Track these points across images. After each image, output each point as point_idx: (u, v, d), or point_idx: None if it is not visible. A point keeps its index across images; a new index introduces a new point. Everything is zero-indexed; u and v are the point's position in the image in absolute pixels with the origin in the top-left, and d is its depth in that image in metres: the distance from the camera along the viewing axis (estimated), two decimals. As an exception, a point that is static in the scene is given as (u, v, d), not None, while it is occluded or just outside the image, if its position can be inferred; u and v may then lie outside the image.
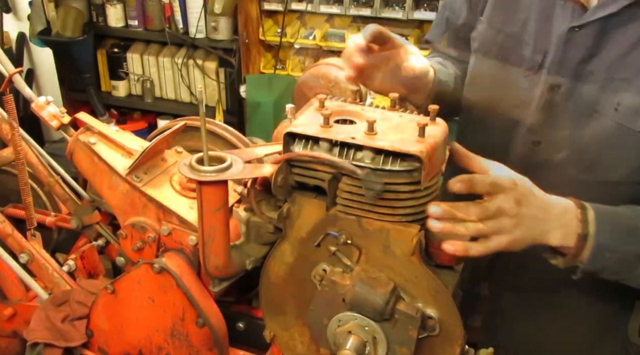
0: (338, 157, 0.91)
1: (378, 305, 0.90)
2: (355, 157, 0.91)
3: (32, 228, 1.39)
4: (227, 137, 1.34)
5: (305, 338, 1.06)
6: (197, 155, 0.94)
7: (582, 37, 1.13)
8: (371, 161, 0.90)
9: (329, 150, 0.92)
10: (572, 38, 1.14)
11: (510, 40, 1.24)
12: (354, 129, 0.93)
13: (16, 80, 1.37)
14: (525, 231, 0.95)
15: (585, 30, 1.12)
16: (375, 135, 0.90)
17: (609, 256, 1.00)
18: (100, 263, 1.52)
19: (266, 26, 3.36)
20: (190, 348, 1.17)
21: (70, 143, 1.27)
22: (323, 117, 0.93)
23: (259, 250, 1.08)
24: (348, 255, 0.96)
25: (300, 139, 0.94)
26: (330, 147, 0.92)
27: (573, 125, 1.18)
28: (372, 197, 0.88)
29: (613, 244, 1.00)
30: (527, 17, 1.22)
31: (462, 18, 1.37)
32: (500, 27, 1.26)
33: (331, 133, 0.92)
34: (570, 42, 1.15)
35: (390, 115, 0.98)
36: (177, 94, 3.71)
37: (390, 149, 0.88)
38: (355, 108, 1.00)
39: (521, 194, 0.94)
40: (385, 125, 0.93)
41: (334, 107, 0.99)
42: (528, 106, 1.22)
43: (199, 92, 0.93)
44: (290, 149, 0.95)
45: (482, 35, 1.30)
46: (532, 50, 1.20)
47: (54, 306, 1.27)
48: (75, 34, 3.45)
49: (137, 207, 1.21)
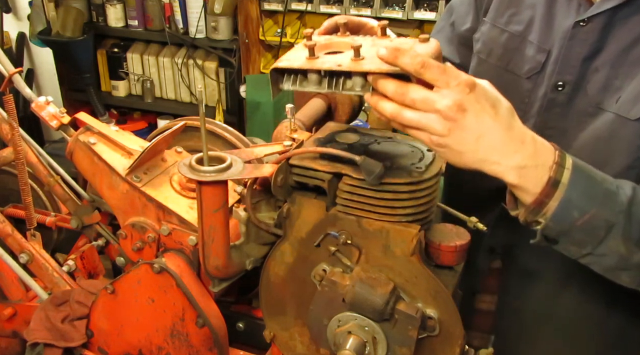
0: (327, 88, 0.87)
1: (378, 305, 0.90)
2: (345, 86, 0.87)
3: (32, 228, 1.39)
4: (227, 137, 1.34)
5: (305, 338, 1.06)
6: (197, 155, 0.94)
7: (587, 33, 1.12)
8: (361, 88, 0.86)
9: (318, 83, 0.88)
10: (577, 34, 1.13)
11: (514, 40, 1.23)
12: (340, 57, 0.89)
13: (16, 80, 1.37)
14: (460, 145, 0.83)
15: (591, 25, 1.11)
16: (363, 60, 0.86)
17: (577, 216, 0.86)
18: (100, 263, 1.52)
19: (266, 26, 3.36)
20: (190, 348, 1.17)
21: (70, 143, 1.27)
22: (308, 48, 0.88)
23: (259, 250, 1.08)
24: (348, 255, 0.96)
25: (289, 74, 0.90)
26: (319, 78, 0.88)
27: (575, 123, 1.16)
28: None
29: (584, 203, 0.86)
30: (533, 16, 1.21)
31: (469, 22, 1.36)
32: (504, 27, 1.25)
33: (317, 63, 0.87)
34: (575, 39, 1.13)
35: (380, 41, 0.94)
36: (177, 94, 3.71)
37: (377, 71, 0.83)
38: (344, 39, 0.96)
39: (473, 101, 0.81)
40: (374, 50, 0.87)
41: (321, 41, 0.95)
42: (531, 107, 1.21)
43: (199, 92, 0.93)
44: (280, 87, 0.91)
45: (485, 35, 1.29)
46: (536, 49, 1.20)
47: (54, 306, 1.27)
48: (75, 34, 3.45)
49: (137, 207, 1.21)
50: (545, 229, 0.89)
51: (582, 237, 0.90)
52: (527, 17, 1.22)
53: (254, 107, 3.30)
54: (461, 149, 0.83)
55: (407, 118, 0.83)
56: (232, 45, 3.36)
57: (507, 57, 1.24)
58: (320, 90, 0.89)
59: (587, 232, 0.89)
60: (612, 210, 0.88)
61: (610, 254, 0.90)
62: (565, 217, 0.87)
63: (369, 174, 0.88)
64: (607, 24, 1.10)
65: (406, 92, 0.82)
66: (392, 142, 1.01)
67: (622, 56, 1.09)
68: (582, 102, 1.14)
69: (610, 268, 0.94)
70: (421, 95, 0.82)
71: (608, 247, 0.89)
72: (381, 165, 0.88)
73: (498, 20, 1.27)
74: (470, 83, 0.81)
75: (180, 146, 1.34)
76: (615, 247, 0.89)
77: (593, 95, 1.12)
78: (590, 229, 0.89)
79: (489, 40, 1.29)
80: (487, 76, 1.27)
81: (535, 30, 1.21)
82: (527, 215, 0.89)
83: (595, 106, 1.12)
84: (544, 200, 0.86)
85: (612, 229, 0.88)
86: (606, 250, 0.90)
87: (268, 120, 3.23)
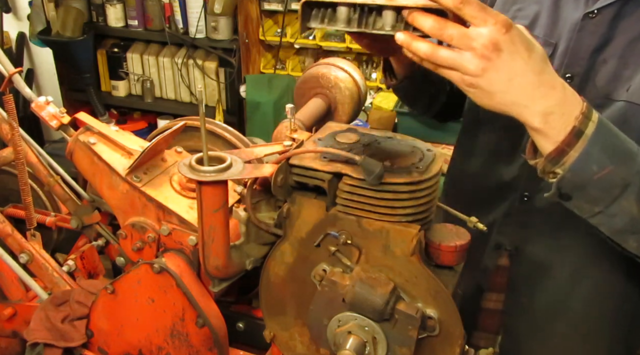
0: (357, 27, 0.85)
1: (378, 305, 0.90)
2: (375, 25, 0.85)
3: (32, 228, 1.39)
4: (227, 137, 1.34)
5: (305, 338, 1.06)
6: (197, 155, 0.94)
7: (596, 24, 1.11)
8: (392, 28, 0.84)
9: (347, 21, 0.86)
10: (586, 25, 1.13)
11: None
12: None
13: (16, 80, 1.37)
14: (492, 85, 0.83)
15: (601, 16, 1.11)
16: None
17: (595, 170, 0.85)
18: (100, 263, 1.52)
19: (266, 26, 3.36)
20: (190, 348, 1.17)
21: (70, 143, 1.27)
22: None
23: (259, 250, 1.08)
24: (348, 255, 0.96)
25: (318, 9, 0.88)
26: (349, 15, 0.86)
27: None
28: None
29: (604, 157, 0.85)
30: (539, 11, 1.21)
31: None
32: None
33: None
34: (584, 30, 1.13)
35: None
36: (177, 94, 3.71)
37: (413, 5, 0.81)
38: None
39: (509, 41, 0.81)
40: None
41: None
42: None
43: (199, 92, 0.93)
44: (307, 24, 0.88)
45: None
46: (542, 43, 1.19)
47: (54, 306, 1.27)
48: (75, 34, 3.45)
49: (137, 207, 1.21)
50: (561, 180, 0.87)
51: (596, 193, 0.88)
52: (533, 12, 1.22)
53: (254, 107, 3.30)
54: (492, 89, 0.83)
55: (442, 56, 0.82)
56: (232, 45, 3.36)
57: None
58: (349, 29, 0.85)
59: (602, 188, 0.87)
60: (630, 169, 0.87)
61: (621, 214, 0.89)
62: (583, 170, 0.85)
63: (369, 174, 0.88)
64: (616, 15, 1.09)
65: (444, 27, 0.81)
66: (392, 142, 1.01)
67: (631, 46, 1.08)
68: (591, 93, 1.11)
69: (619, 230, 0.93)
70: (459, 31, 0.81)
71: (621, 206, 0.88)
72: (381, 165, 0.88)
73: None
74: (507, 23, 0.81)
75: (180, 146, 1.34)
76: (627, 208, 0.88)
77: (602, 87, 1.10)
78: (606, 186, 0.87)
79: None
80: None
81: (540, 25, 1.21)
82: (546, 164, 0.87)
83: (604, 97, 1.09)
84: (565, 149, 0.85)
85: (627, 188, 0.87)
86: (618, 210, 0.89)
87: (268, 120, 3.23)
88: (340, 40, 3.24)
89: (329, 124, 1.09)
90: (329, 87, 1.34)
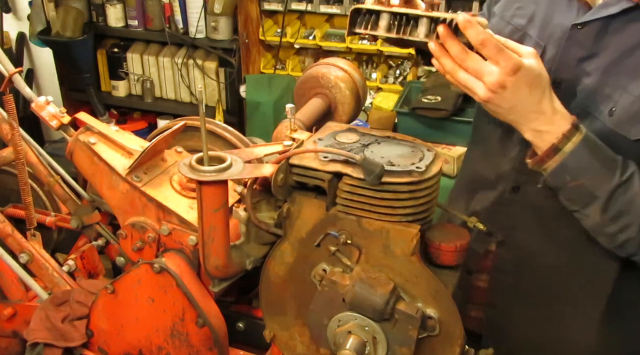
0: (395, 34, 1.01)
1: (378, 305, 0.90)
2: (412, 33, 1.00)
3: (32, 228, 1.39)
4: (227, 137, 1.34)
5: (305, 338, 1.06)
6: (197, 155, 0.94)
7: (583, 36, 1.15)
8: (425, 36, 0.99)
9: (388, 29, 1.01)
10: (574, 35, 1.16)
11: (516, 33, 1.26)
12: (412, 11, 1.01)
13: (16, 80, 1.37)
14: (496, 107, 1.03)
15: (587, 29, 1.14)
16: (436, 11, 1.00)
17: (568, 179, 1.04)
18: (100, 263, 1.52)
19: (266, 26, 3.36)
20: (190, 348, 1.17)
21: (70, 143, 1.27)
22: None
23: (259, 250, 1.08)
24: (348, 255, 0.96)
25: (364, 15, 1.03)
26: (389, 24, 1.01)
27: None
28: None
29: (577, 172, 1.04)
30: (535, 11, 1.25)
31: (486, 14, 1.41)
32: (509, 20, 1.29)
33: (394, 9, 1.01)
34: (571, 40, 1.16)
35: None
36: (177, 94, 3.70)
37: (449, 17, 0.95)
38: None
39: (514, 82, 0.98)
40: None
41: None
42: None
43: (199, 92, 0.93)
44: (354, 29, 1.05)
45: (493, 27, 1.32)
46: (534, 44, 1.22)
47: (54, 306, 1.27)
48: (75, 34, 3.44)
49: (137, 207, 1.21)
50: (545, 179, 1.08)
51: (571, 196, 1.08)
52: (530, 12, 1.26)
53: (254, 107, 3.29)
54: (496, 110, 1.04)
55: (460, 77, 1.01)
56: (232, 45, 3.36)
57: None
58: (389, 36, 1.01)
59: (575, 194, 1.07)
60: (598, 186, 1.04)
61: (591, 217, 1.07)
62: (559, 177, 1.05)
63: (369, 174, 0.88)
64: (601, 30, 1.13)
65: (465, 59, 0.99)
66: (392, 142, 1.01)
67: (614, 64, 1.12)
68: (574, 102, 1.16)
69: (591, 228, 1.11)
70: (474, 66, 0.99)
71: (590, 211, 1.07)
72: (381, 165, 0.88)
73: (505, 13, 1.31)
74: (516, 68, 0.97)
75: (180, 146, 1.34)
76: (593, 214, 1.06)
77: (582, 98, 1.16)
78: (577, 194, 1.06)
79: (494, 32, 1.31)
80: None
81: (535, 25, 1.24)
82: (534, 164, 1.08)
83: (583, 109, 1.14)
84: (545, 159, 1.05)
85: (594, 201, 1.05)
86: (589, 213, 1.07)
87: (268, 120, 3.23)
88: (340, 40, 3.24)
89: (329, 124, 1.09)
90: (329, 87, 1.34)
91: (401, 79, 3.20)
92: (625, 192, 1.04)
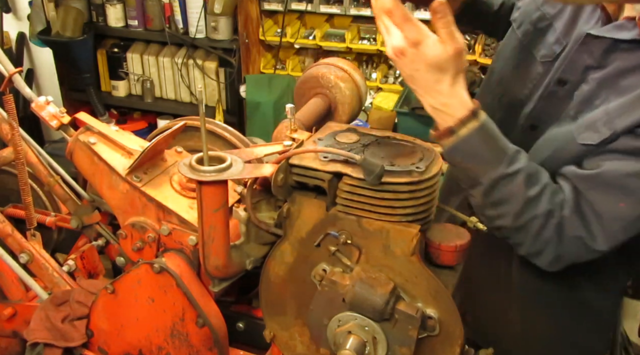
0: None
1: (378, 305, 0.90)
2: None
3: (32, 228, 1.39)
4: (227, 137, 1.34)
5: (305, 338, 1.06)
6: (197, 155, 0.94)
7: (595, 46, 1.17)
8: None
9: None
10: (587, 43, 1.18)
11: (544, 21, 1.29)
12: None
13: (16, 80, 1.37)
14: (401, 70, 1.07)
15: (600, 41, 1.16)
16: None
17: (459, 160, 1.10)
18: (100, 263, 1.52)
19: (266, 26, 3.36)
20: (190, 348, 1.17)
21: (70, 143, 1.27)
22: None
23: (259, 250, 1.08)
24: (348, 255, 0.96)
25: None
26: None
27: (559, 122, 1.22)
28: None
29: (466, 156, 1.09)
30: (565, 7, 1.27)
31: None
32: (540, 6, 1.31)
33: None
34: (584, 46, 1.19)
35: None
36: (177, 94, 3.70)
37: None
38: None
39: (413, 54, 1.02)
40: None
41: None
42: (535, 91, 1.28)
43: (199, 92, 0.93)
44: None
45: (524, 6, 1.37)
46: (555, 39, 1.26)
47: (54, 306, 1.28)
48: (75, 34, 3.44)
49: (137, 207, 1.21)
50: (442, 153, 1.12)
51: (460, 176, 1.13)
52: (561, 5, 1.27)
53: (254, 107, 3.29)
54: (400, 73, 1.08)
55: (378, 25, 1.04)
56: (232, 45, 3.36)
57: (531, 36, 1.30)
58: None
59: (463, 175, 1.12)
60: (483, 173, 1.09)
61: (475, 197, 1.13)
62: (451, 156, 1.10)
63: (369, 174, 0.88)
64: (611, 46, 1.15)
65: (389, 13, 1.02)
66: (392, 142, 1.01)
67: (610, 81, 1.15)
68: (570, 104, 1.20)
69: (474, 206, 1.16)
70: (387, 24, 1.02)
71: (475, 192, 1.12)
72: (381, 165, 0.88)
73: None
74: (416, 41, 1.01)
75: (180, 146, 1.34)
76: (477, 196, 1.12)
77: (576, 103, 1.19)
78: (465, 175, 1.12)
79: (524, 13, 1.35)
80: (510, 47, 1.35)
81: (562, 20, 1.26)
82: (434, 137, 1.11)
83: (575, 113, 1.18)
84: (442, 137, 1.09)
85: (478, 185, 1.10)
86: (474, 194, 1.13)
87: (268, 120, 3.23)
88: (340, 40, 3.24)
89: (329, 124, 1.09)
90: (329, 87, 1.34)
91: (401, 79, 3.19)
92: (507, 184, 1.08)
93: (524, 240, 1.12)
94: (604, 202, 1.09)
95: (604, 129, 1.10)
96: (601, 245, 1.10)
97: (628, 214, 1.09)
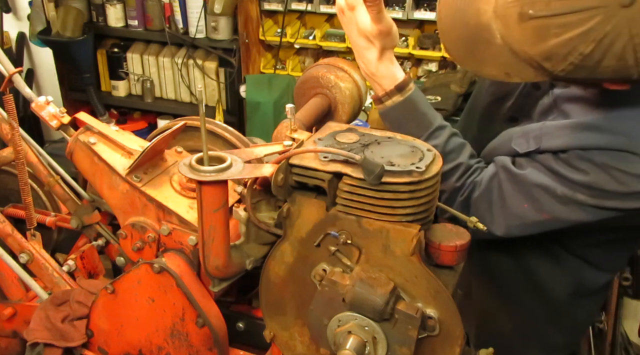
0: None
1: (378, 305, 0.90)
2: None
3: (32, 228, 1.39)
4: (227, 137, 1.34)
5: (305, 338, 1.06)
6: (197, 155, 0.94)
7: None
8: None
9: None
10: None
11: None
12: None
13: (16, 80, 1.37)
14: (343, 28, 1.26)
15: None
16: None
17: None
18: (100, 263, 1.52)
19: (266, 26, 3.36)
20: (190, 348, 1.17)
21: (70, 143, 1.27)
22: None
23: (259, 250, 1.08)
24: (348, 255, 0.96)
25: None
26: None
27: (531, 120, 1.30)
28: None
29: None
30: None
31: None
32: None
33: None
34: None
35: None
36: (177, 94, 3.71)
37: None
38: None
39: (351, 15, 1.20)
40: None
41: None
42: (517, 87, 1.35)
43: (199, 92, 0.93)
44: None
45: None
46: None
47: (54, 306, 1.28)
48: (75, 34, 3.45)
49: (137, 207, 1.21)
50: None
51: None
52: None
53: (254, 107, 3.30)
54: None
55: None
56: (232, 45, 3.36)
57: None
58: None
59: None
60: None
61: None
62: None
63: (369, 174, 0.88)
64: None
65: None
66: (392, 142, 1.01)
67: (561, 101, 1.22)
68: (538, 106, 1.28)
69: None
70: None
71: None
72: (381, 165, 0.88)
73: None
74: (349, 6, 1.20)
75: (180, 146, 1.34)
76: None
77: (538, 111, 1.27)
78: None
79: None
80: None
81: None
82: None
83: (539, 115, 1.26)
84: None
85: None
86: None
87: (268, 120, 3.23)
88: (340, 40, 3.24)
89: (329, 124, 1.09)
90: (329, 87, 1.34)
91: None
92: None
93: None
94: (513, 197, 1.20)
95: (532, 142, 1.19)
96: (497, 230, 1.23)
97: (527, 216, 1.20)
